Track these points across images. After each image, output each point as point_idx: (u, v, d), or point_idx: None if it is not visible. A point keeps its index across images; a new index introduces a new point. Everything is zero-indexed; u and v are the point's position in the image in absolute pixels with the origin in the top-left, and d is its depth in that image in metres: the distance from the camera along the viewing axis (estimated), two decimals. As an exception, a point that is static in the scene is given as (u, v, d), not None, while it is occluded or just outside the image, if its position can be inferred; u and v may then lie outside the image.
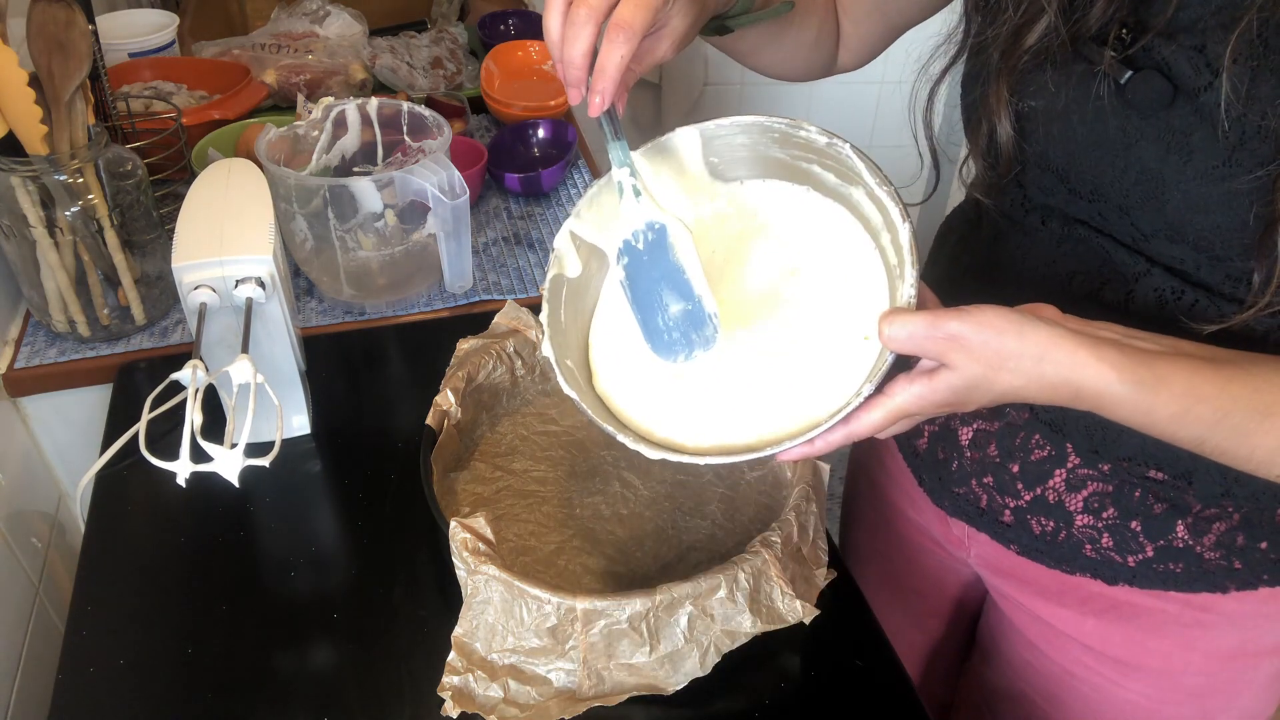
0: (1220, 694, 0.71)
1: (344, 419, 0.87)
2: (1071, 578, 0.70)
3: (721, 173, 0.62)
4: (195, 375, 0.64)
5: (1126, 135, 0.55)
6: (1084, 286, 0.62)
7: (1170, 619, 0.68)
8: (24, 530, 0.93)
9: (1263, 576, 0.64)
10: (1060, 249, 0.63)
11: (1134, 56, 0.54)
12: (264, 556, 0.74)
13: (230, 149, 1.17)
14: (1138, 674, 0.72)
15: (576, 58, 0.53)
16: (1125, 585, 0.68)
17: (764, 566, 0.62)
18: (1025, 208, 0.65)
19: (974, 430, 0.72)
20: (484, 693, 0.61)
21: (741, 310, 0.61)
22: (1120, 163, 0.56)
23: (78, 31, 0.83)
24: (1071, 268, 0.62)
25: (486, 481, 0.77)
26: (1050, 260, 0.64)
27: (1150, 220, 0.57)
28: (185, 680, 0.65)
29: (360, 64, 1.40)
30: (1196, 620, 0.67)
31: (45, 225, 0.87)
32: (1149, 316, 0.59)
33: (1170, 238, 0.56)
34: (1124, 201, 0.57)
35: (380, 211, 0.94)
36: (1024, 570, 0.74)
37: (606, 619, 0.59)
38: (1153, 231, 0.57)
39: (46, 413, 0.98)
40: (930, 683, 0.97)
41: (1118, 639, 0.71)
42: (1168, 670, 0.70)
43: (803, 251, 0.61)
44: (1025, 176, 0.64)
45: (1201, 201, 0.53)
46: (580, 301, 0.63)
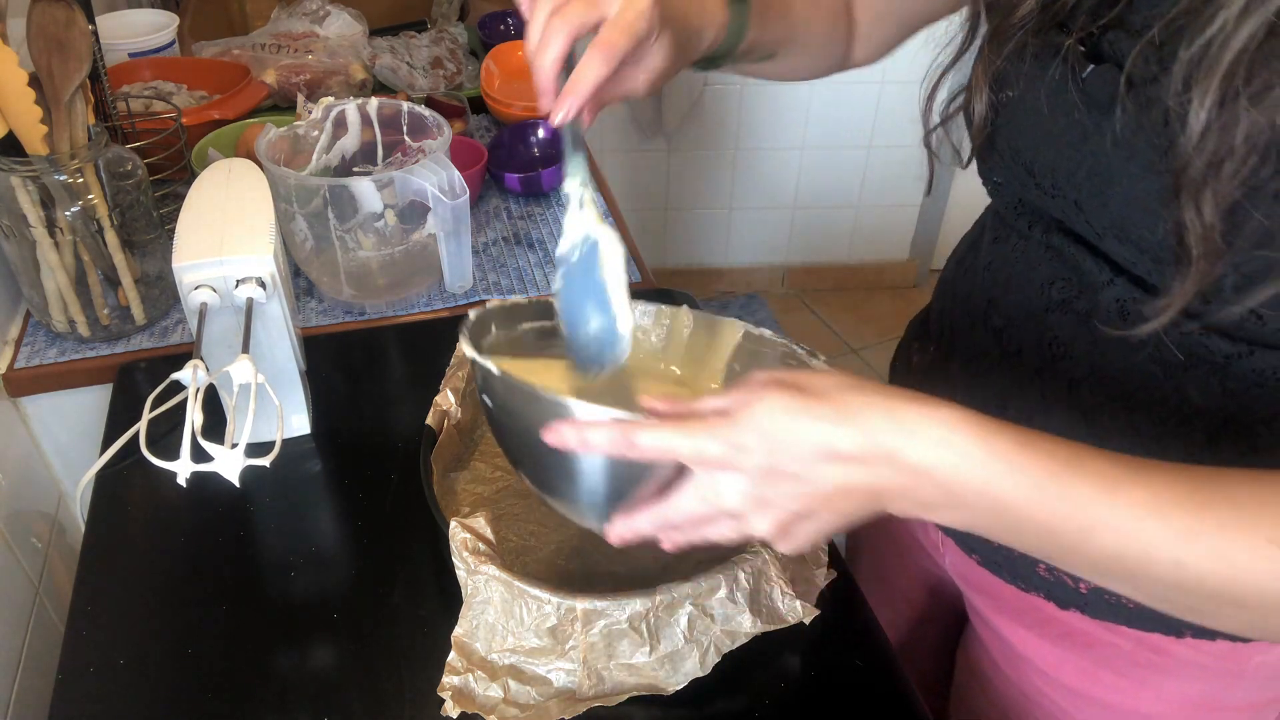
0: None
1: (344, 419, 0.87)
2: (1028, 596, 0.68)
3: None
4: (196, 375, 0.64)
5: (1084, 129, 0.55)
6: (1061, 293, 0.61)
7: (1123, 655, 0.66)
8: (24, 530, 0.93)
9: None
10: (1044, 254, 0.63)
11: (1102, 50, 0.54)
12: (264, 556, 0.74)
13: (230, 149, 1.17)
14: (1090, 707, 0.70)
15: (547, 65, 0.54)
16: (1077, 612, 0.66)
17: (764, 566, 0.62)
18: (1017, 211, 0.66)
19: (916, 361, 0.74)
20: (484, 693, 0.61)
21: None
22: (1076, 156, 0.56)
23: (78, 31, 0.83)
24: (1050, 274, 0.62)
25: (486, 481, 0.77)
26: (1034, 265, 0.63)
27: (1098, 216, 0.56)
28: (185, 680, 0.65)
29: (360, 64, 1.40)
30: (1150, 661, 0.65)
31: (45, 225, 0.87)
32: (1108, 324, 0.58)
33: (1118, 237, 0.55)
34: (1077, 196, 0.57)
35: (380, 211, 0.94)
36: (988, 584, 0.73)
37: (606, 619, 0.59)
38: (1103, 229, 0.56)
39: (46, 413, 0.98)
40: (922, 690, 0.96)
41: (1070, 668, 0.69)
42: (1118, 706, 0.68)
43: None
44: (1004, 168, 0.64)
45: (1141, 200, 0.52)
46: None
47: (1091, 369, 0.60)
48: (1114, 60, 0.52)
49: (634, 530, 0.52)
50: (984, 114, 0.61)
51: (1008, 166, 0.62)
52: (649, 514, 0.51)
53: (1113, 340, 0.58)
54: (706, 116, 2.44)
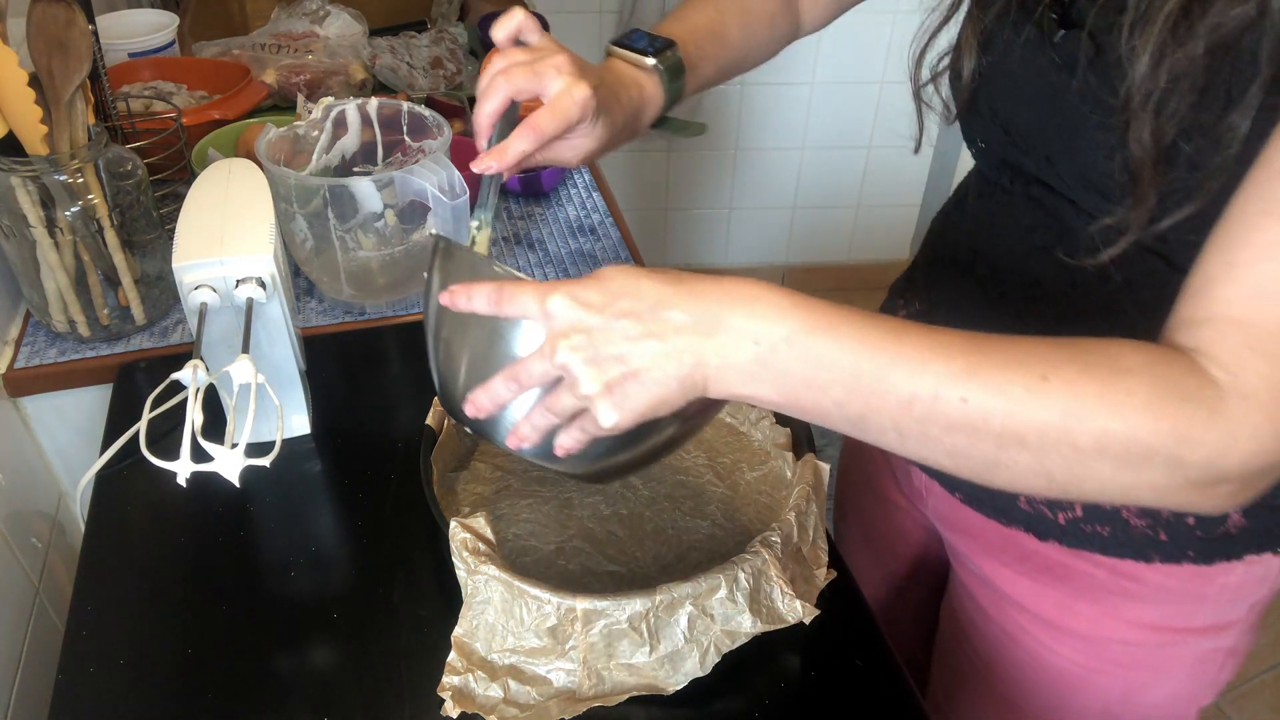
0: (1145, 668, 0.73)
1: (344, 419, 0.87)
2: (1009, 531, 0.72)
3: None
4: (196, 375, 0.64)
5: (1054, 89, 0.58)
6: (1043, 239, 0.64)
7: (1098, 584, 0.69)
8: (24, 530, 0.93)
9: (1188, 552, 0.66)
10: (1026, 205, 0.66)
11: (1072, 15, 0.57)
12: (264, 557, 0.74)
13: (230, 149, 1.17)
14: (1067, 638, 0.73)
15: (482, 116, 0.64)
16: (1055, 543, 0.69)
17: (764, 566, 0.62)
18: (998, 168, 0.69)
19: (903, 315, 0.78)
20: (484, 693, 0.61)
21: None
22: (1046, 114, 0.60)
23: (78, 31, 0.83)
24: (1032, 222, 0.65)
25: (486, 481, 0.77)
26: (1017, 215, 0.66)
27: (1068, 168, 0.59)
28: (185, 680, 0.65)
29: (360, 64, 1.40)
30: (1123, 589, 0.69)
31: (45, 225, 0.87)
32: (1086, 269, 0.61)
33: (1085, 186, 0.58)
34: (1049, 151, 0.60)
35: (380, 211, 0.94)
36: (969, 522, 0.76)
37: (606, 619, 0.59)
38: (1072, 180, 0.59)
39: (46, 413, 0.98)
40: (903, 640, 0.99)
41: (1050, 601, 0.73)
42: (1094, 636, 0.72)
43: None
44: (983, 129, 0.67)
45: (1103, 148, 0.56)
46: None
47: (1071, 307, 0.63)
48: (1081, 24, 0.56)
49: (490, 395, 0.54)
50: (971, 72, 0.64)
51: (988, 126, 0.66)
52: (500, 376, 0.53)
53: (1091, 281, 0.61)
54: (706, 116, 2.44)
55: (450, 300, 0.53)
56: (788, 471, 0.76)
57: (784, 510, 0.67)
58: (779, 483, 0.77)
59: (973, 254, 0.71)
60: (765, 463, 0.79)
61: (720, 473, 0.78)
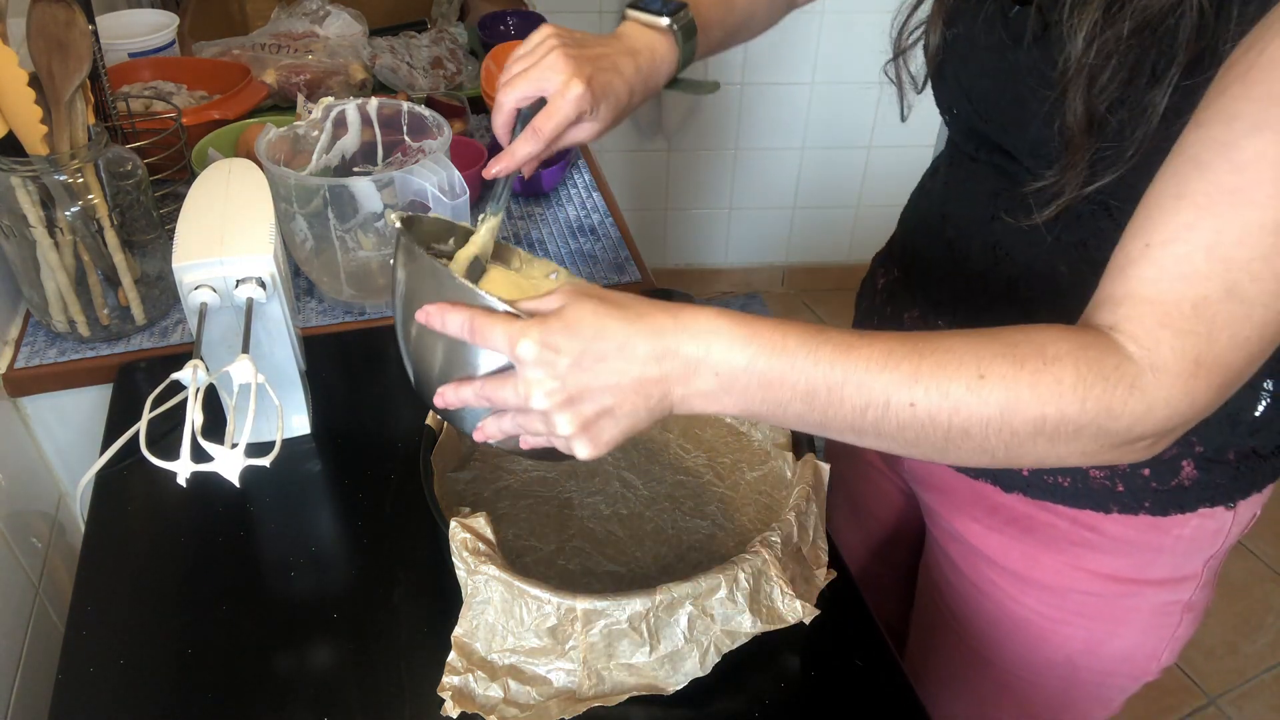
0: (1105, 618, 0.76)
1: (344, 419, 0.87)
2: (977, 485, 0.75)
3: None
4: (196, 375, 0.64)
5: (1008, 63, 0.61)
6: (1004, 202, 0.67)
7: (1060, 535, 0.73)
8: (24, 530, 0.93)
9: (1144, 504, 0.69)
10: (990, 171, 0.69)
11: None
12: (264, 556, 0.74)
13: (230, 149, 1.17)
14: (1032, 589, 0.76)
15: (497, 126, 0.72)
16: (1020, 495, 0.73)
17: (764, 566, 0.62)
18: (966, 135, 0.72)
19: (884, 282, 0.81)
20: (484, 693, 0.61)
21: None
22: (1000, 87, 0.63)
23: (78, 31, 0.83)
24: (994, 187, 0.69)
25: (486, 481, 0.77)
26: (981, 181, 0.70)
27: (1019, 139, 0.63)
28: (185, 680, 0.65)
29: (360, 64, 1.40)
30: (1083, 539, 0.72)
31: (45, 225, 0.87)
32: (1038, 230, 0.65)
33: (1034, 154, 0.62)
34: (1004, 119, 0.64)
35: (380, 211, 0.94)
36: (939, 478, 0.80)
37: (606, 619, 0.59)
38: (1023, 151, 0.63)
39: (46, 413, 0.98)
40: (885, 603, 1.03)
41: (1016, 553, 0.76)
42: (1057, 586, 0.75)
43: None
44: (950, 98, 0.70)
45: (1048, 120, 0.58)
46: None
47: (1028, 267, 0.67)
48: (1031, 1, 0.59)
49: (460, 399, 0.57)
50: (936, 45, 0.68)
51: (954, 95, 0.69)
52: (473, 388, 0.56)
53: (1042, 240, 0.65)
54: (706, 116, 2.44)
55: (425, 319, 0.56)
56: (788, 471, 0.76)
57: (784, 510, 0.67)
58: (779, 483, 0.77)
59: (942, 219, 0.75)
60: (765, 463, 0.79)
61: (720, 473, 0.78)
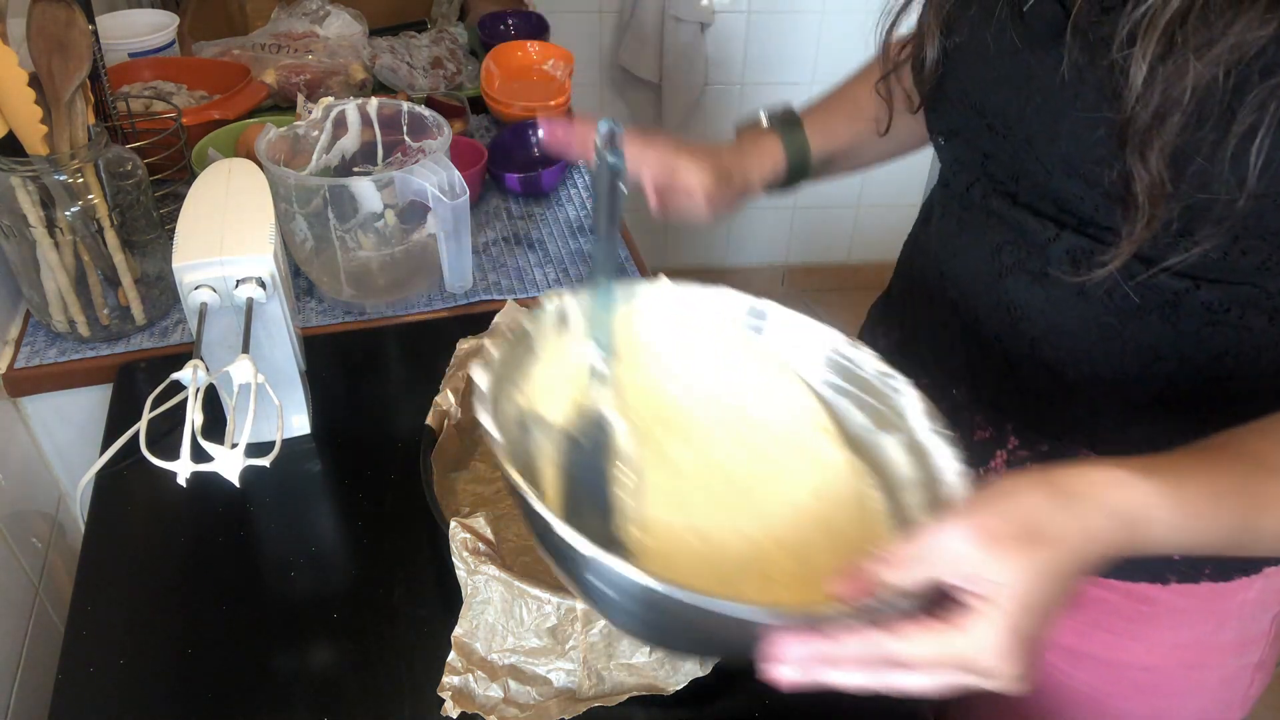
0: (1167, 692, 0.71)
1: (344, 419, 0.87)
2: None
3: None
4: (196, 375, 0.64)
5: (1029, 67, 0.57)
6: (1011, 256, 0.63)
7: (1114, 609, 0.68)
8: (24, 530, 0.93)
9: (1204, 570, 0.65)
10: (987, 221, 0.65)
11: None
12: (264, 556, 0.74)
13: (230, 149, 1.17)
14: (1085, 663, 0.72)
15: (575, 136, 0.72)
16: None
17: (764, 566, 0.62)
18: (959, 167, 0.68)
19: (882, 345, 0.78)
20: (484, 693, 0.61)
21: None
22: (1024, 94, 0.58)
23: (78, 31, 0.83)
24: (997, 240, 0.64)
25: (486, 481, 0.77)
26: (980, 234, 0.65)
27: (1048, 153, 0.58)
28: (185, 680, 0.65)
29: (360, 64, 1.40)
30: (1139, 612, 0.68)
31: (45, 225, 0.87)
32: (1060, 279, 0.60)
33: (1066, 172, 0.57)
34: (1028, 133, 0.59)
35: (380, 211, 0.94)
36: None
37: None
38: (1051, 166, 0.58)
39: (46, 413, 0.98)
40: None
41: (1067, 629, 0.71)
42: (1113, 661, 0.71)
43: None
44: (954, 116, 0.65)
45: (1088, 139, 0.54)
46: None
47: (1049, 326, 0.62)
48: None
49: (820, 653, 0.45)
50: (935, 59, 0.64)
51: (959, 112, 0.64)
52: (853, 648, 0.45)
53: (1067, 296, 0.60)
54: (706, 116, 2.44)
55: (793, 672, 0.46)
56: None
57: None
58: (779, 483, 0.77)
59: (940, 277, 0.70)
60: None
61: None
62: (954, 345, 0.70)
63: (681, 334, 0.65)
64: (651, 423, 0.60)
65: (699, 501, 0.57)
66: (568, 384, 0.59)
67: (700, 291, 0.65)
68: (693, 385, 0.63)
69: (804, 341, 0.63)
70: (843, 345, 0.62)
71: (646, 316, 0.65)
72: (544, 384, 0.59)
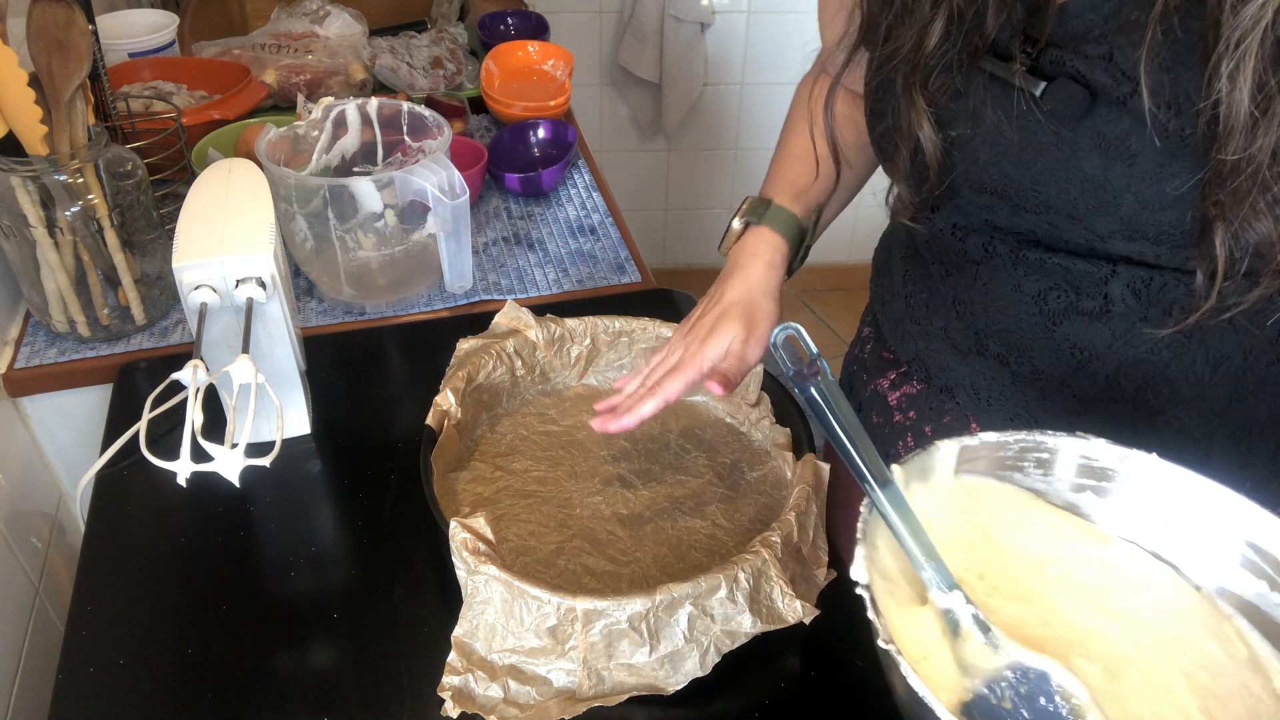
0: None
1: (344, 419, 0.87)
2: None
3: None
4: (196, 375, 0.64)
5: (1061, 146, 0.56)
6: (1059, 301, 0.62)
7: None
8: (24, 530, 0.93)
9: None
10: (1019, 270, 0.63)
11: (1045, 69, 0.55)
12: (264, 556, 0.74)
13: (230, 149, 1.17)
14: None
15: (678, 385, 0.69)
16: None
17: (764, 566, 0.62)
18: (962, 232, 0.66)
19: (900, 394, 0.76)
20: (484, 693, 0.61)
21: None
22: (1062, 174, 0.56)
23: (78, 31, 0.83)
24: (1040, 286, 0.62)
25: (486, 481, 0.77)
26: (1015, 284, 0.64)
27: (1105, 224, 0.56)
28: (185, 680, 0.65)
29: (360, 64, 1.40)
30: None
31: (45, 225, 0.87)
32: (1127, 313, 0.60)
33: (1128, 236, 0.56)
34: (1073, 210, 0.57)
35: (380, 211, 0.94)
36: None
37: (606, 619, 0.59)
38: (1109, 233, 0.57)
39: (46, 413, 0.98)
40: None
41: None
42: None
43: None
44: (960, 200, 0.64)
45: (1154, 201, 0.53)
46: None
47: (1119, 362, 0.62)
48: (1063, 75, 0.54)
49: None
50: (936, 156, 0.61)
51: (968, 200, 0.63)
52: None
53: (1134, 328, 0.59)
54: (706, 116, 2.44)
55: None
56: (788, 471, 0.76)
57: (784, 510, 0.67)
58: (779, 483, 0.77)
59: (975, 335, 0.68)
60: (765, 463, 0.79)
61: (720, 473, 0.78)
62: (1006, 393, 0.68)
63: (987, 521, 0.55)
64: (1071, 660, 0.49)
65: None
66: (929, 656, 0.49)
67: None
68: (1044, 590, 0.53)
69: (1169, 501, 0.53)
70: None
71: (936, 513, 0.54)
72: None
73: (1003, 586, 0.52)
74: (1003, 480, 0.56)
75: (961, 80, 0.59)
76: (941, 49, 0.58)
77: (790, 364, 0.54)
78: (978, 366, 0.69)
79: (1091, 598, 0.53)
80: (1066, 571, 0.54)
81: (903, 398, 0.77)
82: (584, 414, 0.83)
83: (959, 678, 0.48)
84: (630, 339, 0.85)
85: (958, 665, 0.48)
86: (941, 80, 0.59)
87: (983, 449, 0.55)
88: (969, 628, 0.49)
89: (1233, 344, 0.60)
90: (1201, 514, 0.52)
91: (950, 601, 0.49)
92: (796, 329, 0.55)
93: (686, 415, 0.84)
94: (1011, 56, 0.56)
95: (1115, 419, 0.64)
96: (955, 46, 0.57)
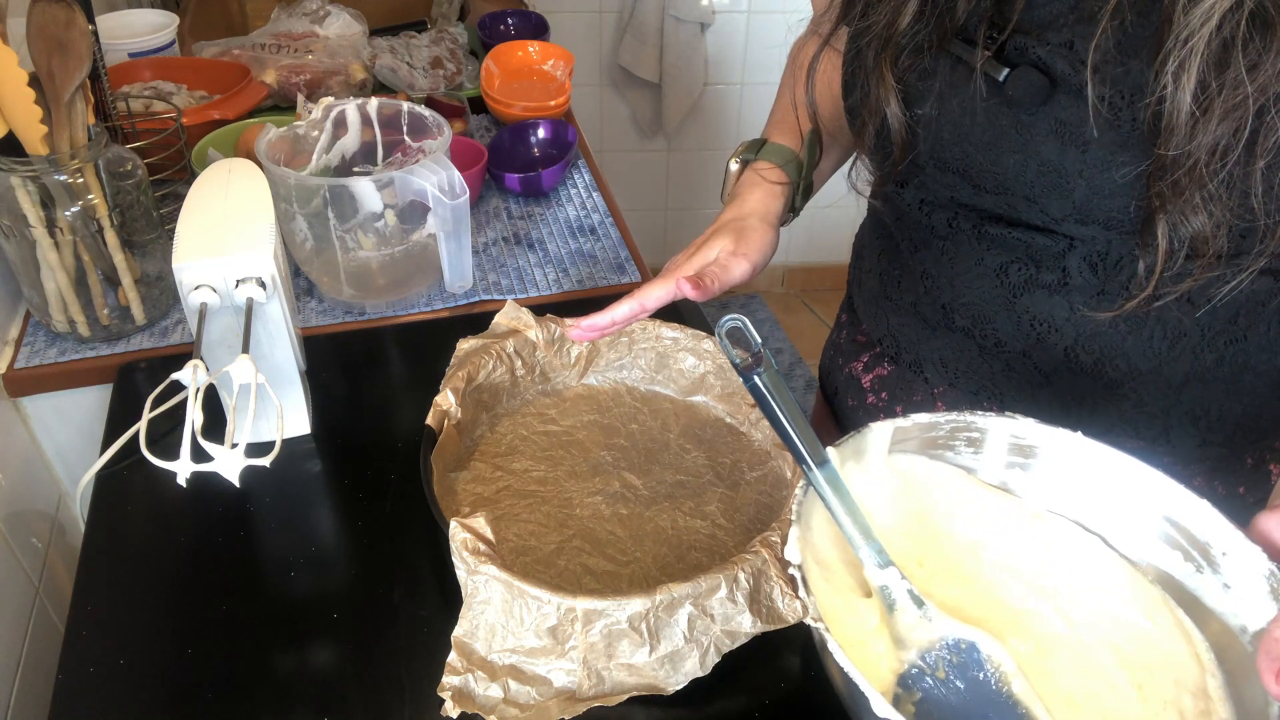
0: None
1: (344, 419, 0.87)
2: None
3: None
4: (196, 375, 0.64)
5: (1020, 131, 0.57)
6: (1020, 274, 0.64)
7: None
8: (24, 530, 0.93)
9: None
10: (982, 245, 0.65)
11: (1010, 56, 0.57)
12: (264, 556, 0.74)
13: (230, 149, 1.17)
14: None
15: (645, 300, 0.67)
16: None
17: (764, 566, 0.62)
18: (929, 208, 0.67)
19: (873, 376, 0.78)
20: (484, 693, 0.61)
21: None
22: (1020, 157, 0.58)
23: (78, 31, 0.83)
24: (1002, 260, 0.64)
25: (486, 481, 0.77)
26: (978, 257, 0.65)
27: (1059, 206, 0.58)
28: (185, 680, 0.65)
29: (360, 64, 1.40)
30: None
31: (45, 225, 0.87)
32: (1084, 286, 0.61)
33: (1080, 220, 0.58)
34: (1029, 193, 0.59)
35: (380, 211, 0.94)
36: None
37: (606, 619, 0.59)
38: (1062, 216, 0.59)
39: (46, 413, 0.98)
40: None
41: None
42: None
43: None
44: (925, 177, 0.65)
45: (1104, 187, 0.55)
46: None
47: (1077, 334, 0.63)
48: (1030, 63, 0.55)
49: None
50: (901, 133, 0.63)
51: (932, 178, 0.65)
52: None
53: (1093, 301, 0.61)
54: (706, 116, 2.44)
55: None
56: (788, 471, 0.76)
57: (784, 510, 0.67)
58: (779, 483, 0.77)
59: (941, 309, 0.70)
60: (765, 463, 0.79)
61: (720, 473, 0.78)
62: (973, 366, 0.70)
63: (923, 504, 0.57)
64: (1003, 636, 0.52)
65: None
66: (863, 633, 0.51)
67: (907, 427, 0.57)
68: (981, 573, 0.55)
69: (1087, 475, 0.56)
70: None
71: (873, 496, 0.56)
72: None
73: (941, 572, 0.55)
74: (935, 459, 0.59)
75: (930, 61, 0.60)
76: (913, 29, 0.60)
77: (736, 356, 0.55)
78: (945, 340, 0.71)
79: (1026, 578, 0.56)
80: (1002, 554, 0.57)
81: (875, 380, 0.78)
82: (584, 414, 0.83)
83: (895, 651, 0.51)
84: (630, 339, 0.85)
85: (893, 640, 0.50)
86: (911, 60, 0.61)
87: (915, 429, 0.58)
88: (904, 603, 0.51)
89: (1190, 321, 0.61)
90: (1124, 490, 0.55)
91: (886, 578, 0.52)
92: (742, 321, 0.56)
93: (686, 415, 0.84)
94: (979, 42, 0.58)
95: (1076, 391, 0.65)
96: (927, 27, 0.59)
